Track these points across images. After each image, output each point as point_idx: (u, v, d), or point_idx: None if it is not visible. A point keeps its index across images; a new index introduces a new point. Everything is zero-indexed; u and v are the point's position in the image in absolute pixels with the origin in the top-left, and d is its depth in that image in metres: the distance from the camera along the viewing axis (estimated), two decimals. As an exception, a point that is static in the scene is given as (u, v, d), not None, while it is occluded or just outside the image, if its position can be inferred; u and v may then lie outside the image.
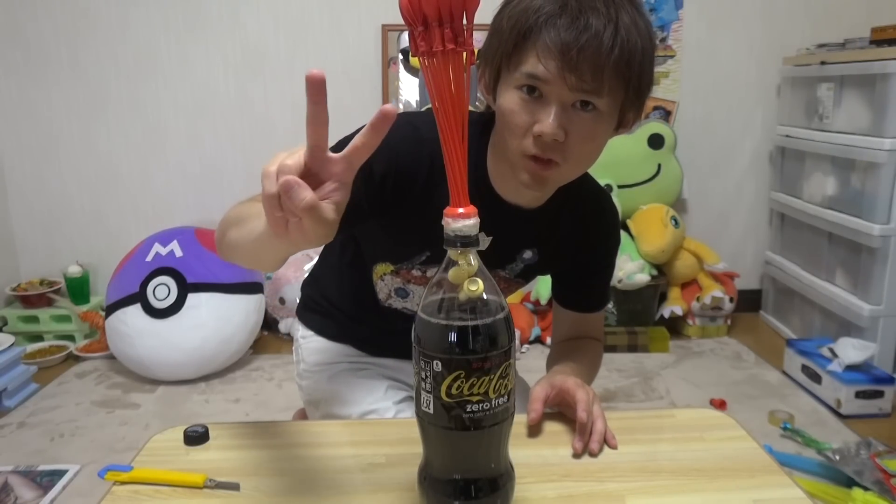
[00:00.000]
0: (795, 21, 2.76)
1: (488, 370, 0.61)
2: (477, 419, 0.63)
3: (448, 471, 0.68)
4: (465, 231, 0.61)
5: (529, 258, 1.04)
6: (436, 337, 0.62)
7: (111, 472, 0.80)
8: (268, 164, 0.58)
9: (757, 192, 2.92)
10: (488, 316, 0.62)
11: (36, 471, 1.83)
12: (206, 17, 2.75)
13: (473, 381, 0.61)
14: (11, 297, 2.80)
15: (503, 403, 0.64)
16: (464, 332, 0.61)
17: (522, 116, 0.83)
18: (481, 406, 0.62)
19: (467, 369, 0.61)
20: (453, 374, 0.61)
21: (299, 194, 0.54)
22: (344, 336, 1.21)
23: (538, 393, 0.90)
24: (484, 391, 0.62)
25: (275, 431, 0.91)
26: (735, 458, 0.82)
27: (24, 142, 2.84)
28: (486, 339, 0.62)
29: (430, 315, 0.63)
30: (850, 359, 2.05)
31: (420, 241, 0.98)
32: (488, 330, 0.62)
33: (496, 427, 0.64)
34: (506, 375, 0.63)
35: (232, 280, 2.47)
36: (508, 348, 0.63)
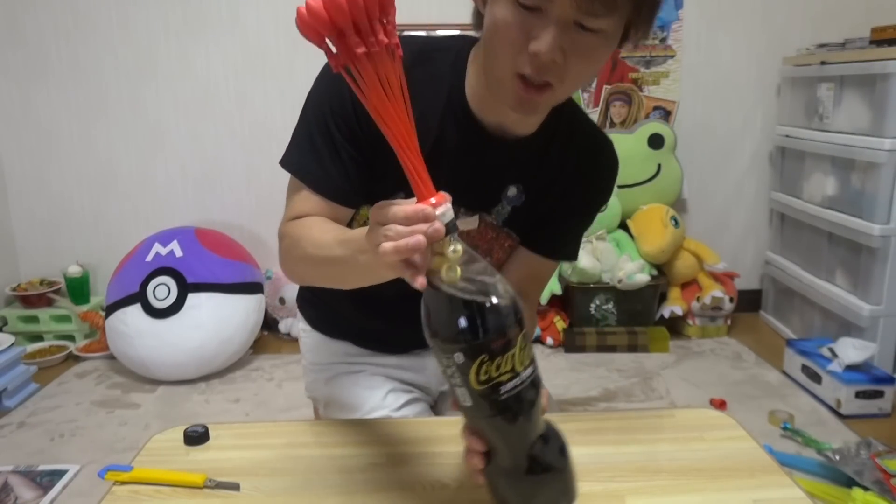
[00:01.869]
0: (795, 21, 2.76)
1: (509, 344, 0.61)
2: (514, 396, 0.62)
3: (519, 450, 0.66)
4: (444, 218, 0.60)
5: (515, 197, 0.95)
6: (449, 330, 0.61)
7: (111, 472, 0.80)
8: (383, 214, 0.61)
9: (757, 192, 2.92)
10: (491, 293, 0.61)
11: (36, 471, 1.83)
12: (206, 17, 2.75)
13: (499, 360, 0.60)
14: (11, 297, 2.80)
15: (532, 372, 0.63)
16: (473, 317, 0.60)
17: (516, 31, 0.73)
18: (513, 383, 0.62)
19: (489, 351, 0.60)
20: (477, 361, 0.60)
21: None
22: (338, 329, 1.16)
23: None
24: (511, 367, 0.61)
25: (275, 431, 0.91)
26: (735, 458, 0.82)
27: (24, 142, 2.84)
28: (495, 315, 0.61)
29: (437, 309, 0.62)
30: (850, 359, 2.05)
31: (391, 178, 0.87)
32: (495, 307, 0.61)
33: (534, 397, 0.64)
34: (525, 345, 0.62)
35: (232, 280, 2.47)
36: (519, 317, 0.62)
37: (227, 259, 2.53)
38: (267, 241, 2.93)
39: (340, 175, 0.90)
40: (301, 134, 0.94)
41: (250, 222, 2.91)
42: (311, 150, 0.92)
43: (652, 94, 2.82)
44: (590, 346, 2.57)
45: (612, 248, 2.66)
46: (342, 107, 0.87)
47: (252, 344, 2.59)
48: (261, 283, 2.60)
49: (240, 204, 2.90)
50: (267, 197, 2.89)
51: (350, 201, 0.92)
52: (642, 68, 2.81)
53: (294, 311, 2.80)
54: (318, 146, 0.91)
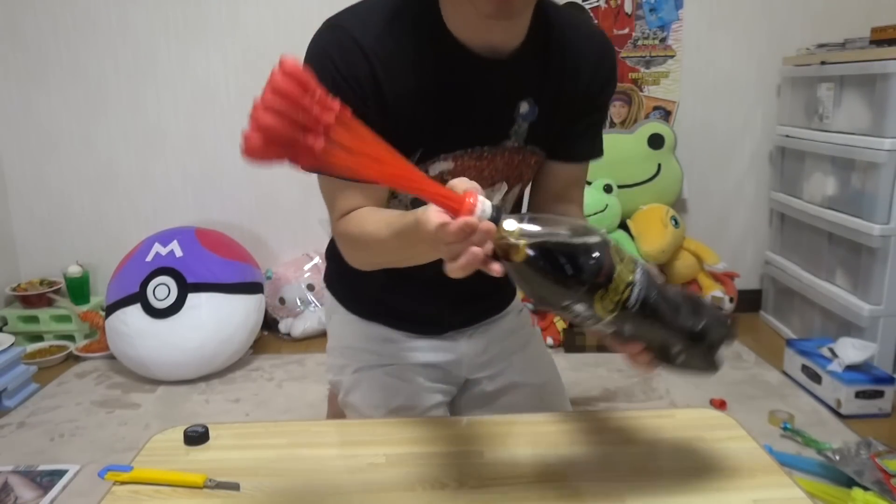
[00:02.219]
0: (795, 21, 2.76)
1: (611, 268, 0.62)
2: (642, 300, 0.64)
3: (674, 331, 0.70)
4: (485, 215, 0.60)
5: (528, 112, 0.94)
6: (553, 295, 0.63)
7: (111, 472, 0.80)
8: (432, 236, 0.62)
9: (757, 192, 2.92)
10: (565, 239, 0.62)
11: (36, 471, 1.83)
12: (206, 17, 2.75)
13: (613, 285, 0.62)
14: (11, 297, 2.80)
15: (641, 270, 0.66)
16: (565, 273, 0.61)
17: None
18: (635, 292, 0.64)
19: (599, 286, 0.62)
20: (596, 299, 0.62)
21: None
22: (372, 310, 1.12)
23: None
24: (625, 281, 0.63)
25: (275, 431, 0.91)
26: (735, 458, 0.82)
27: (24, 142, 2.84)
28: (583, 255, 0.62)
29: (528, 281, 0.63)
30: (850, 359, 2.05)
31: (409, 137, 0.89)
32: (578, 248, 0.62)
33: (655, 287, 0.66)
34: (622, 255, 0.64)
35: (232, 280, 2.47)
36: (599, 237, 0.63)
37: (227, 259, 2.53)
38: (267, 241, 2.93)
39: None
40: None
41: (250, 222, 2.91)
42: None
43: (652, 94, 2.82)
44: (590, 346, 2.57)
45: (612, 248, 2.65)
46: (336, 81, 0.86)
47: (252, 344, 2.59)
48: (261, 283, 2.60)
49: (240, 204, 2.90)
50: (267, 197, 2.89)
51: None
52: (642, 68, 2.81)
53: (295, 311, 2.81)
54: None
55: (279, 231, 2.93)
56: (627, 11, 2.76)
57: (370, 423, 0.99)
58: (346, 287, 1.15)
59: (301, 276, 2.83)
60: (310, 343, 2.75)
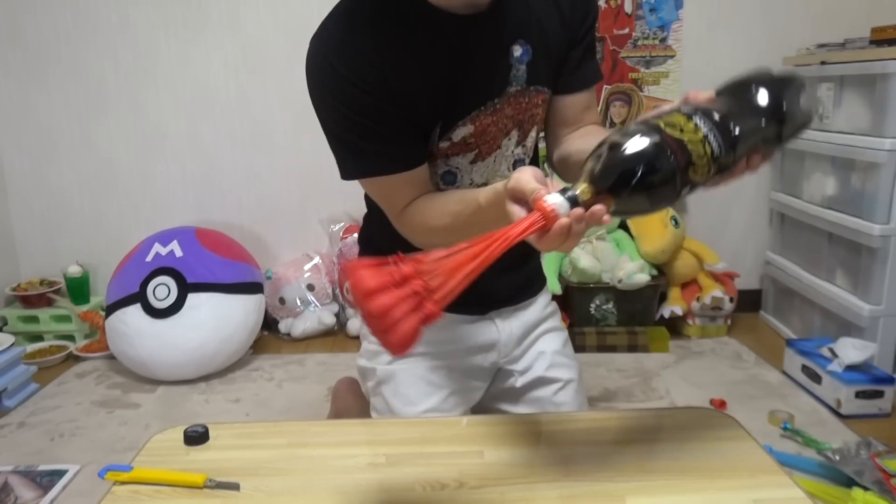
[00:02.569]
0: (795, 21, 2.76)
1: (682, 145, 0.65)
2: (723, 136, 0.68)
3: (768, 126, 0.75)
4: (565, 208, 0.64)
5: (522, 54, 0.97)
6: (656, 200, 0.67)
7: (111, 472, 0.80)
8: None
9: (757, 192, 2.92)
10: (628, 150, 0.65)
11: (36, 471, 1.83)
12: (206, 17, 2.75)
13: (694, 157, 0.65)
14: (11, 297, 2.80)
15: (696, 114, 0.69)
16: (657, 178, 0.65)
17: None
18: (710, 139, 0.67)
19: (685, 165, 0.65)
20: (691, 175, 0.66)
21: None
22: None
23: None
24: (698, 140, 0.66)
25: (275, 431, 0.91)
26: (735, 458, 0.82)
27: (24, 142, 2.84)
28: (655, 158, 0.64)
29: (635, 202, 0.66)
30: (850, 359, 2.05)
31: (427, 117, 0.94)
32: (643, 153, 0.64)
33: (715, 114, 0.71)
34: (673, 122, 0.67)
35: (232, 280, 2.47)
36: (649, 126, 0.67)
37: (227, 259, 2.53)
38: (267, 241, 2.93)
39: (395, 145, 0.93)
40: (337, 144, 0.96)
41: (250, 222, 2.91)
42: (356, 149, 0.94)
43: (652, 94, 2.82)
44: (590, 346, 2.57)
45: (612, 248, 2.66)
46: (343, 92, 0.89)
47: (252, 344, 2.59)
48: (261, 283, 2.60)
49: (240, 204, 2.90)
50: (267, 197, 2.89)
51: (421, 156, 0.95)
52: (642, 68, 2.81)
53: (295, 311, 2.81)
54: (357, 142, 0.93)
55: (279, 231, 2.93)
56: (627, 11, 2.76)
57: (370, 422, 0.99)
58: None
59: (301, 276, 2.83)
60: (310, 343, 2.75)
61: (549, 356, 1.20)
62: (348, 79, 0.88)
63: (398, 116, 0.91)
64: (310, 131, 2.73)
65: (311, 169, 2.80)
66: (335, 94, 0.90)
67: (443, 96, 0.93)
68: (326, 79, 0.89)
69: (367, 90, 0.88)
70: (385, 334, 0.60)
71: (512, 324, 1.18)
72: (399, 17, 0.90)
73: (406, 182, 0.94)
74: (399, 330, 0.60)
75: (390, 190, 0.96)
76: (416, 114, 0.92)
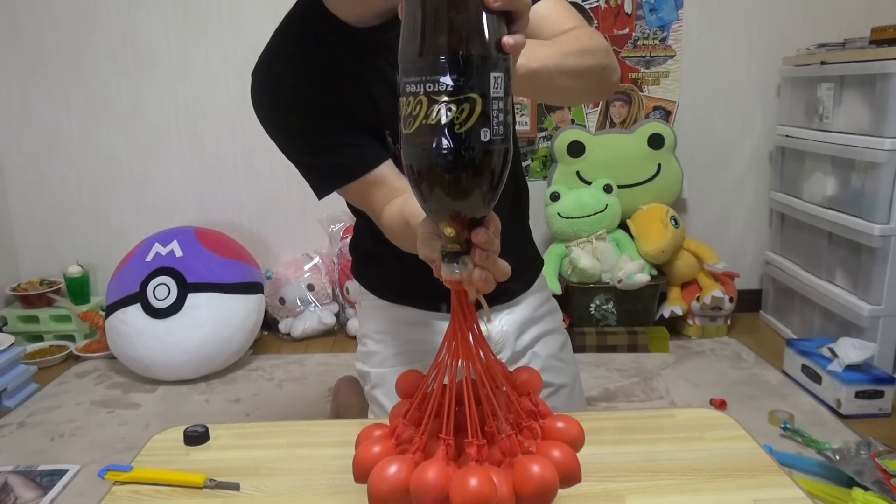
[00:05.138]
0: (795, 21, 2.76)
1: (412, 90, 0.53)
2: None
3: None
4: (455, 276, 0.57)
5: None
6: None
7: (111, 472, 0.80)
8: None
9: (757, 192, 2.92)
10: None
11: (36, 471, 1.83)
12: (206, 18, 2.75)
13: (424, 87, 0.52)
14: (11, 297, 2.80)
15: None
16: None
17: None
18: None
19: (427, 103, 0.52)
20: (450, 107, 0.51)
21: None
22: (399, 292, 1.13)
23: None
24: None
25: (275, 431, 0.91)
26: (735, 458, 0.82)
27: (24, 142, 2.84)
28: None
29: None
30: (850, 359, 2.05)
31: (373, 126, 0.94)
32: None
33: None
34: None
35: (232, 280, 2.47)
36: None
37: (227, 259, 2.53)
38: (267, 241, 2.93)
39: (348, 153, 0.94)
40: (300, 168, 1.00)
41: (250, 222, 2.91)
42: (316, 167, 0.98)
43: (652, 94, 2.82)
44: (590, 346, 2.57)
45: (612, 248, 2.66)
46: (280, 119, 0.94)
47: (252, 344, 2.59)
48: (261, 283, 2.60)
49: (240, 204, 2.90)
50: (267, 197, 2.89)
51: (380, 156, 0.95)
52: (642, 68, 2.81)
53: (295, 311, 2.81)
54: (314, 161, 0.97)
55: (279, 231, 2.93)
56: (627, 11, 2.76)
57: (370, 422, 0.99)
58: (371, 274, 1.18)
59: (301, 276, 2.83)
60: (310, 343, 2.75)
61: (542, 359, 1.18)
62: (276, 104, 0.93)
63: (339, 127, 0.93)
64: (310, 131, 2.74)
65: (311, 169, 2.80)
66: (277, 125, 0.95)
67: (372, 107, 0.94)
68: (266, 108, 0.94)
69: (300, 112, 0.92)
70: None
71: (502, 320, 1.15)
72: (317, 36, 0.93)
73: (374, 184, 0.94)
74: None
75: (363, 196, 0.96)
76: (356, 123, 0.93)
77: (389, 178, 0.94)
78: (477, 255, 0.56)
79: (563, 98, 0.89)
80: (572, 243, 2.66)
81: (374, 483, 0.58)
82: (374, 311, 1.17)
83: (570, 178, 2.71)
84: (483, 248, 0.56)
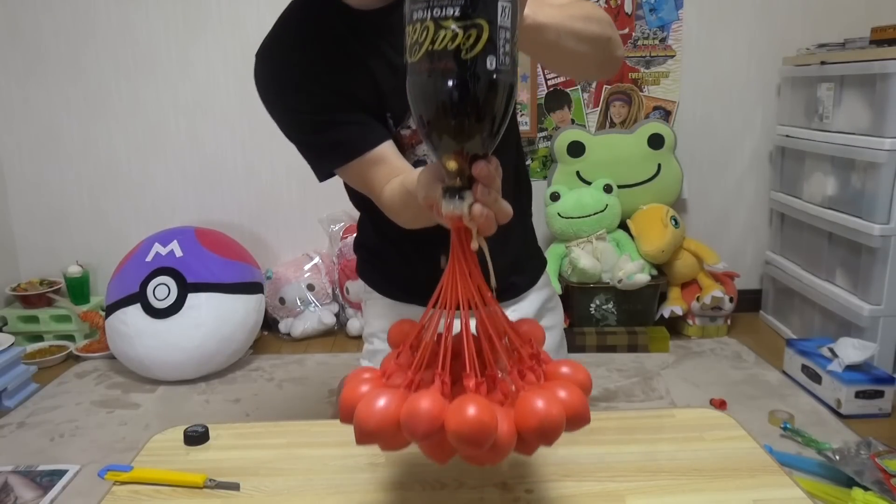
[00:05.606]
0: (795, 21, 2.76)
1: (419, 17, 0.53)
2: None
3: None
4: (457, 211, 0.55)
5: None
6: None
7: (111, 472, 0.80)
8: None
9: (757, 192, 2.92)
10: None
11: (36, 471, 1.83)
12: (206, 18, 2.75)
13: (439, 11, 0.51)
14: (11, 297, 2.80)
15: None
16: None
17: None
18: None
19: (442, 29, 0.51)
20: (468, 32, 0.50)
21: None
22: (404, 289, 1.12)
23: None
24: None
25: (275, 431, 0.91)
26: (735, 458, 0.82)
27: (24, 142, 2.84)
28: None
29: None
30: (850, 359, 2.05)
31: (376, 109, 0.95)
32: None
33: None
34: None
35: (232, 280, 2.47)
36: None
37: (227, 259, 2.53)
38: (267, 240, 2.93)
39: (349, 130, 0.94)
40: (301, 148, 1.00)
41: (250, 222, 2.91)
42: (317, 146, 0.98)
43: (652, 94, 2.82)
44: (590, 346, 2.57)
45: (612, 248, 2.66)
46: (283, 96, 0.95)
47: (252, 344, 2.59)
48: (261, 283, 2.60)
49: (240, 204, 2.90)
50: (267, 197, 2.89)
51: (380, 135, 0.96)
52: (642, 68, 2.81)
53: (295, 311, 2.81)
54: (315, 139, 0.97)
55: (279, 231, 2.93)
56: (627, 11, 2.76)
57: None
58: (376, 272, 1.18)
59: (301, 276, 2.83)
60: (310, 343, 2.75)
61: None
62: (282, 82, 0.94)
63: (342, 105, 0.94)
64: (310, 131, 2.74)
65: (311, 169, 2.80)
66: (282, 104, 0.95)
67: (374, 89, 0.95)
68: (268, 87, 0.95)
69: (305, 89, 0.93)
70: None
71: (509, 316, 1.15)
72: (321, 18, 0.94)
73: (374, 163, 0.94)
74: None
75: (363, 176, 0.96)
76: (359, 103, 0.95)
77: (390, 157, 0.94)
78: (479, 189, 0.55)
79: (568, 63, 0.88)
80: (572, 243, 2.66)
81: (360, 417, 0.53)
82: (379, 310, 1.17)
83: (570, 178, 2.71)
84: (484, 183, 0.55)
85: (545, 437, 0.52)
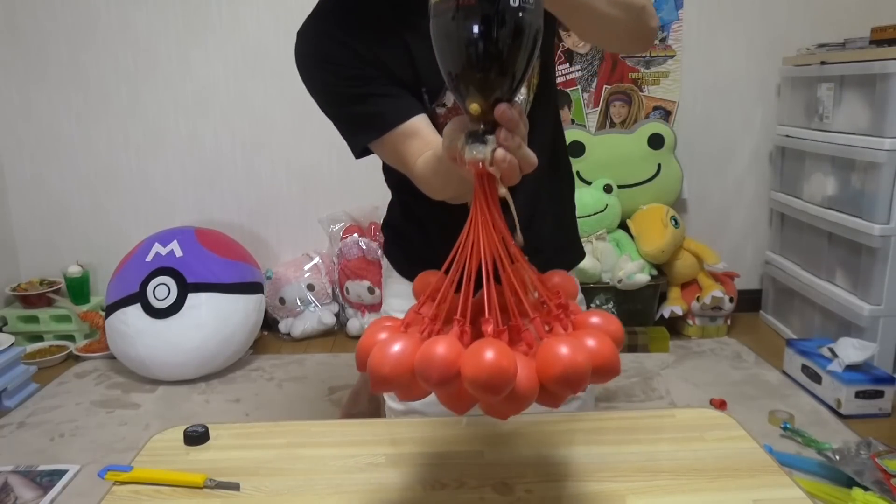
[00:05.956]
0: (795, 21, 2.76)
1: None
2: None
3: None
4: (479, 156, 0.54)
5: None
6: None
7: (111, 472, 0.80)
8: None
9: (757, 192, 2.92)
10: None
11: (36, 471, 1.83)
12: (206, 18, 2.75)
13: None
14: (11, 297, 2.80)
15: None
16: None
17: None
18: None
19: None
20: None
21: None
22: (422, 269, 1.13)
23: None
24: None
25: (275, 431, 0.91)
26: (735, 458, 0.82)
27: (24, 142, 2.84)
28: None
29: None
30: (850, 359, 2.05)
31: (404, 77, 0.95)
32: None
33: None
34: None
35: (232, 280, 2.47)
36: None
37: (227, 259, 2.53)
38: (267, 241, 2.93)
39: (385, 102, 0.95)
40: (337, 123, 1.01)
41: (250, 222, 2.91)
42: (352, 119, 0.99)
43: (652, 94, 2.82)
44: (590, 346, 2.57)
45: (612, 248, 2.66)
46: (321, 68, 0.96)
47: (252, 344, 2.59)
48: (261, 283, 2.60)
49: (240, 204, 2.90)
50: (267, 197, 2.89)
51: (415, 108, 0.96)
52: (642, 68, 2.81)
53: (295, 311, 2.81)
54: (351, 111, 0.98)
55: (279, 231, 2.93)
56: (627, 11, 2.76)
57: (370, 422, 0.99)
58: (399, 252, 1.18)
59: (301, 276, 2.83)
60: (310, 343, 2.75)
61: None
62: (319, 56, 0.95)
63: (379, 79, 0.95)
64: (310, 131, 2.74)
65: (311, 169, 2.80)
66: (317, 74, 0.97)
67: (410, 65, 0.95)
68: (307, 62, 0.97)
69: (345, 63, 0.94)
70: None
71: None
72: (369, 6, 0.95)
73: (408, 136, 0.94)
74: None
75: (397, 149, 0.96)
76: (395, 76, 0.95)
77: (424, 131, 0.94)
78: (502, 133, 0.54)
79: (600, 28, 0.86)
80: (572, 243, 2.66)
81: (374, 362, 0.52)
82: (398, 289, 1.18)
83: (570, 178, 2.70)
84: (508, 128, 0.54)
85: (569, 385, 0.50)
